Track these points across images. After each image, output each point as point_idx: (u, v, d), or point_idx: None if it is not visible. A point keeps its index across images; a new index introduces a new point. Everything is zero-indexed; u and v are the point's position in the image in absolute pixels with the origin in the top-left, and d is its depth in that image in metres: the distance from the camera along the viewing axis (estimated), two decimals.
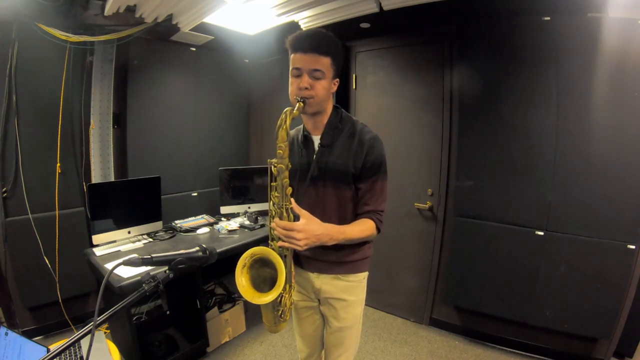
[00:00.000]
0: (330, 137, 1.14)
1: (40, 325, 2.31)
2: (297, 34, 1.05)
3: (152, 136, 2.72)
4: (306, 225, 1.01)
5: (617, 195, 1.83)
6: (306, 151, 1.19)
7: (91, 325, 0.71)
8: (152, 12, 2.13)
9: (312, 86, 1.05)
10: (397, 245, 2.70)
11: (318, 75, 1.04)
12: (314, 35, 1.04)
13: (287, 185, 1.02)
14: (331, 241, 1.06)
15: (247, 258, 1.05)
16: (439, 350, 2.33)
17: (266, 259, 1.05)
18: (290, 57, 1.07)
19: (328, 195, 1.15)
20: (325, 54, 1.04)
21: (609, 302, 1.89)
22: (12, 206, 2.12)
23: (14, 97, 2.05)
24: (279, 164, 1.01)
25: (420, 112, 2.54)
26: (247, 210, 2.84)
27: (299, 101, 1.04)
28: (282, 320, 1.20)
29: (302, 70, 1.04)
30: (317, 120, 1.16)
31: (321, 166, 1.14)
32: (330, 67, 1.07)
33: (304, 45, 1.03)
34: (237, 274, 1.04)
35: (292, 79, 1.08)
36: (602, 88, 1.82)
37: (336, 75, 1.11)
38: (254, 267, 1.07)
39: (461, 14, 2.11)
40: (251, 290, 1.05)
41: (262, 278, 1.08)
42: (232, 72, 3.26)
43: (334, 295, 1.23)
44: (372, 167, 1.12)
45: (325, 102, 1.12)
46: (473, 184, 2.24)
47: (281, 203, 1.04)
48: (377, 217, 1.15)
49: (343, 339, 1.28)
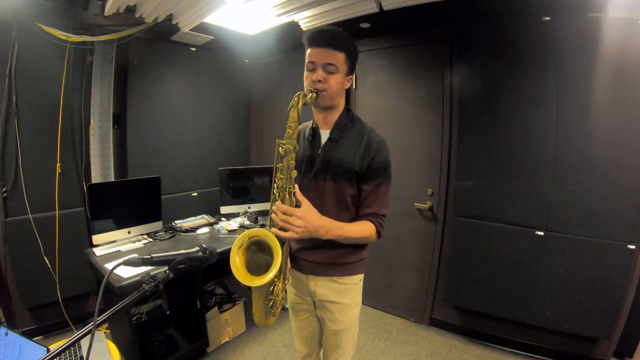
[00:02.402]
0: (339, 133, 1.15)
1: (40, 325, 2.31)
2: (314, 29, 1.09)
3: (152, 136, 2.72)
4: (306, 213, 1.00)
5: (617, 195, 1.83)
6: (313, 144, 1.19)
7: (91, 325, 0.71)
8: (152, 12, 2.12)
9: (325, 79, 1.07)
10: (397, 245, 2.70)
11: (332, 69, 1.07)
12: (329, 31, 1.08)
13: (292, 167, 1.02)
14: (327, 235, 1.05)
15: (245, 238, 1.03)
16: (439, 350, 2.33)
17: (264, 242, 1.02)
18: (307, 51, 1.10)
19: (329, 189, 1.14)
20: (339, 49, 1.07)
21: (609, 302, 1.89)
22: (12, 206, 2.12)
23: (14, 97, 2.05)
24: (286, 144, 1.01)
25: (420, 112, 2.54)
26: (247, 210, 2.84)
27: (312, 92, 1.06)
28: (272, 314, 1.16)
29: (316, 64, 1.07)
30: (328, 115, 1.17)
31: (326, 160, 1.14)
32: (345, 62, 1.09)
33: (319, 40, 1.06)
34: (232, 254, 1.02)
35: (307, 73, 1.10)
36: (602, 88, 1.83)
37: (350, 72, 1.13)
38: (251, 249, 1.05)
39: (461, 14, 2.11)
40: (244, 272, 1.03)
41: (257, 264, 1.05)
42: (232, 72, 3.26)
43: (329, 298, 1.22)
44: (378, 170, 1.12)
45: (338, 97, 1.13)
46: (473, 184, 2.25)
47: (285, 185, 1.02)
48: (378, 221, 1.14)
49: (340, 341, 1.27)
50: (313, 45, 1.08)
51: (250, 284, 1.00)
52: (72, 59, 2.25)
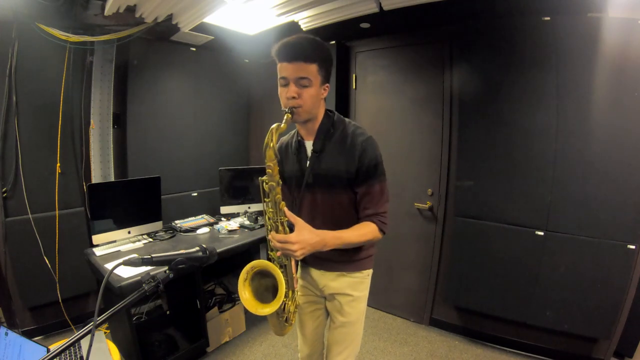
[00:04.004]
0: (322, 142, 1.14)
1: (40, 325, 2.30)
2: (281, 43, 1.03)
3: (152, 136, 2.72)
4: (299, 236, 1.00)
5: (617, 195, 1.83)
6: (299, 158, 1.19)
7: (91, 325, 0.71)
8: (152, 12, 2.12)
9: (299, 95, 1.03)
10: (397, 245, 2.70)
11: (305, 83, 1.03)
12: (297, 43, 1.01)
13: (279, 201, 1.03)
14: (326, 247, 1.05)
15: (248, 272, 1.07)
16: (439, 350, 2.33)
17: (265, 271, 1.07)
18: (277, 66, 1.06)
19: (324, 201, 1.16)
20: (310, 61, 1.01)
21: (609, 302, 1.89)
22: (12, 206, 2.12)
23: (14, 97, 2.05)
24: (269, 182, 1.02)
25: (420, 112, 2.54)
26: (247, 210, 2.84)
27: (286, 112, 1.02)
28: (288, 324, 1.22)
29: (288, 79, 1.03)
30: (309, 126, 1.15)
31: (315, 172, 1.14)
32: (318, 73, 1.04)
33: (288, 54, 1.01)
34: (239, 289, 1.06)
35: (280, 89, 1.07)
36: (602, 88, 1.82)
37: (325, 80, 1.09)
38: (255, 279, 1.09)
39: (461, 13, 2.11)
40: (254, 302, 1.07)
41: (265, 287, 1.10)
42: (232, 72, 3.26)
43: (340, 290, 1.26)
44: (368, 171, 1.11)
45: (315, 109, 1.10)
46: (473, 184, 2.24)
47: (276, 217, 1.04)
48: (379, 220, 1.14)
49: (346, 334, 1.29)
50: (282, 60, 1.02)
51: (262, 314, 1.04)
52: (72, 59, 2.25)
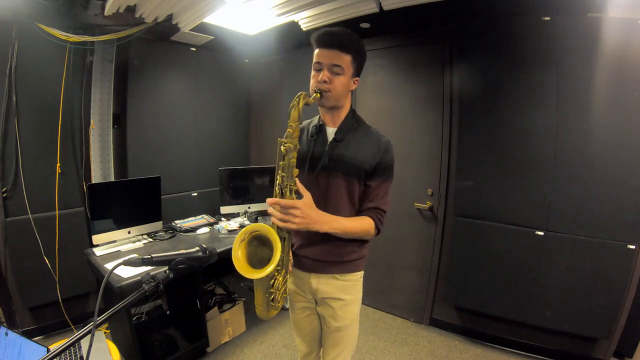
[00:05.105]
0: (345, 133, 1.17)
1: (40, 325, 2.30)
2: (322, 30, 1.10)
3: (152, 136, 2.72)
4: (305, 205, 1.02)
5: (617, 195, 1.83)
6: (318, 140, 1.20)
7: (91, 325, 0.71)
8: (152, 12, 2.12)
9: (330, 80, 1.08)
10: (397, 245, 2.70)
11: (337, 70, 1.08)
12: (337, 33, 1.08)
13: (293, 165, 1.04)
14: (324, 227, 1.06)
15: (247, 233, 1.06)
16: (439, 350, 2.33)
17: (264, 237, 1.05)
18: (314, 51, 1.11)
19: (337, 185, 1.16)
20: (346, 51, 1.08)
21: (609, 302, 1.89)
22: (12, 206, 2.12)
23: (14, 97, 2.05)
24: (287, 143, 1.03)
25: (420, 112, 2.54)
26: (247, 210, 2.84)
27: (316, 92, 1.08)
28: (274, 307, 1.19)
29: (322, 64, 1.09)
30: (334, 114, 1.19)
31: (334, 157, 1.16)
32: (351, 64, 1.10)
33: (327, 41, 1.08)
34: (234, 247, 1.04)
35: (314, 73, 1.12)
36: (602, 88, 1.83)
37: (356, 73, 1.14)
38: (252, 244, 1.07)
39: (461, 14, 2.11)
40: (246, 265, 1.05)
41: (259, 258, 1.07)
42: (232, 72, 3.26)
43: (332, 295, 1.24)
44: (385, 169, 1.16)
45: (342, 98, 1.15)
46: (473, 184, 2.25)
47: (286, 182, 1.05)
48: (377, 216, 1.16)
49: (341, 338, 1.28)
50: (320, 46, 1.09)
51: (250, 277, 1.02)
52: (72, 59, 2.25)
